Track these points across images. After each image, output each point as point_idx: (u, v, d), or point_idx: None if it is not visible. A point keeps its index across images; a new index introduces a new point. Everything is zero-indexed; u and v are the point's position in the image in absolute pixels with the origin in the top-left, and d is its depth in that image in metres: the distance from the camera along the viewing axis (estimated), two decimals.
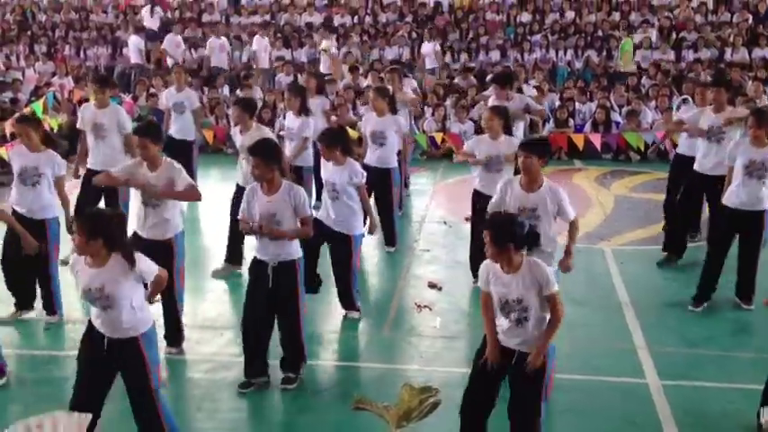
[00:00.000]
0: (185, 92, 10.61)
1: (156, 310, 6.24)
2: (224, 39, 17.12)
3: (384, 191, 8.55)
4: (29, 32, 18.33)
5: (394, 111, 8.77)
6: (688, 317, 6.97)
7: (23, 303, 6.89)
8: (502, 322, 4.54)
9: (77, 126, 8.49)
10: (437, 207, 10.61)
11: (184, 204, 7.27)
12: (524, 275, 4.41)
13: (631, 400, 5.57)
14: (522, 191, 5.62)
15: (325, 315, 6.96)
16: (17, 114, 9.31)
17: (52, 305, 6.75)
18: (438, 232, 9.48)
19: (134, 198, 6.27)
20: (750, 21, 16.88)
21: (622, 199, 10.87)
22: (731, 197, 6.85)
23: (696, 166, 7.80)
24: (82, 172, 8.33)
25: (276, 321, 5.68)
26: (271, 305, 5.61)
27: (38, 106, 12.59)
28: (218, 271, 7.99)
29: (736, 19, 17.03)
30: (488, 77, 12.18)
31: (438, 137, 13.42)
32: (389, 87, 9.42)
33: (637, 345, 6.40)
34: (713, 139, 7.60)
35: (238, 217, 5.67)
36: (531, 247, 4.49)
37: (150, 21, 18.42)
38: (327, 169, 6.70)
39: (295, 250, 5.59)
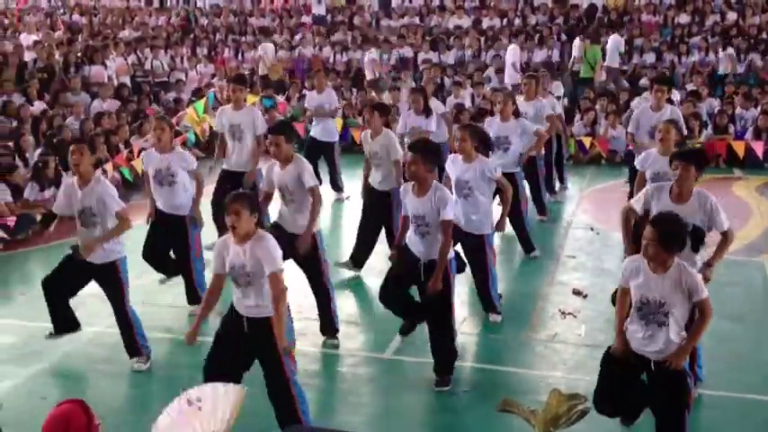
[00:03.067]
0: (326, 93, 10.88)
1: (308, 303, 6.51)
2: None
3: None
4: (191, 35, 19.39)
5: (517, 114, 8.56)
6: None
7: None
8: (636, 327, 4.43)
9: (215, 128, 8.68)
10: (583, 213, 10.38)
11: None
12: (672, 278, 4.29)
13: None
14: (672, 202, 5.28)
15: (468, 318, 6.98)
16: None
17: (196, 296, 6.99)
18: (584, 239, 9.28)
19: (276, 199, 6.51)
20: None
21: None
22: None
23: None
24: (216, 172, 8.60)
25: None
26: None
27: (199, 105, 13.32)
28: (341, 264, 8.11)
29: None
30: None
31: (586, 141, 13.12)
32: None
33: None
34: None
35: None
36: (696, 247, 4.35)
37: (318, 7, 19.49)
38: (457, 166, 6.67)
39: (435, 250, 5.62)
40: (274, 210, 6.62)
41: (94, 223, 5.86)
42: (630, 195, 6.93)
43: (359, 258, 8.04)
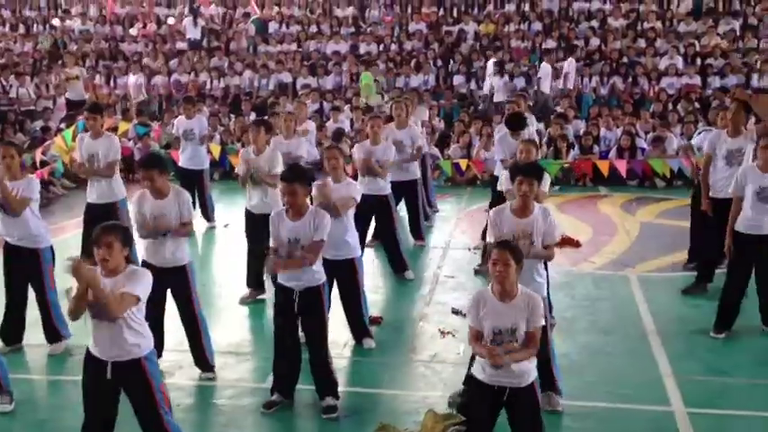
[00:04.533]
0: (196, 118, 10.70)
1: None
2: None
3: (385, 217, 8.60)
4: (60, 62, 18.70)
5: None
6: (714, 344, 6.90)
7: None
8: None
9: (76, 158, 8.34)
10: (461, 233, 10.61)
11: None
12: (519, 305, 4.54)
13: (656, 429, 5.51)
14: (515, 216, 5.48)
15: (350, 341, 6.97)
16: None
17: (56, 333, 6.76)
18: (463, 259, 9.48)
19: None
20: None
21: (648, 225, 10.80)
22: (743, 223, 6.80)
23: (711, 192, 7.76)
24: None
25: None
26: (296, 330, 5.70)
27: (68, 134, 12.82)
28: (245, 298, 8.03)
29: (763, 45, 16.94)
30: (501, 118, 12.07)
31: (463, 163, 13.45)
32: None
33: (663, 372, 6.33)
34: (733, 162, 7.54)
35: (271, 245, 5.65)
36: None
37: (193, 31, 19.14)
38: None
39: (320, 276, 5.64)
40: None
41: None
42: None
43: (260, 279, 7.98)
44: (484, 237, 7.66)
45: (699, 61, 16.74)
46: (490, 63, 16.59)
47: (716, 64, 16.50)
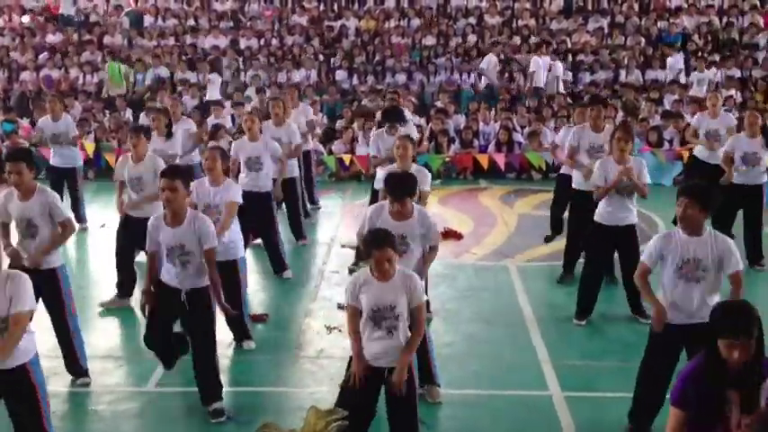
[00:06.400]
0: (63, 119, 10.25)
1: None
2: None
3: (265, 215, 8.47)
4: None
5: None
6: (588, 331, 7.21)
7: None
8: (371, 335, 4.62)
9: None
10: (346, 228, 10.65)
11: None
12: (396, 283, 4.56)
13: (535, 412, 5.72)
14: (393, 219, 5.53)
15: (232, 341, 6.88)
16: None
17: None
18: (348, 254, 9.50)
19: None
20: (642, 44, 17.69)
21: (526, 217, 11.16)
22: (603, 214, 7.13)
23: (574, 184, 8.14)
24: None
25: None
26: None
27: None
28: (108, 303, 7.77)
29: (630, 42, 17.81)
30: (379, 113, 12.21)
31: (346, 159, 13.50)
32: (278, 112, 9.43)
33: (540, 359, 6.57)
34: (594, 156, 7.89)
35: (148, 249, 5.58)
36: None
37: (68, 7, 18.57)
38: (204, 189, 6.66)
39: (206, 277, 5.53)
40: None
41: None
42: None
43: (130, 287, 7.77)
44: None
45: (570, 57, 17.42)
46: (490, 58, 16.62)
47: (586, 60, 17.22)
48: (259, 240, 8.90)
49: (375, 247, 4.52)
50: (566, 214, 8.85)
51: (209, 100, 15.46)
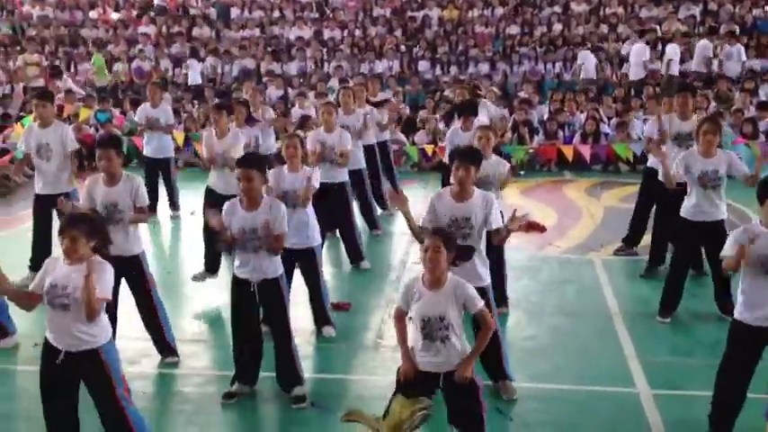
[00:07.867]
0: (161, 107, 10.55)
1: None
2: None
3: (341, 206, 8.51)
4: (18, 47, 18.33)
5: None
6: (675, 327, 7.00)
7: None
8: (425, 348, 4.59)
9: (20, 149, 7.90)
10: None
11: None
12: (447, 291, 4.52)
13: (622, 410, 5.59)
14: (455, 201, 5.44)
15: (315, 329, 6.96)
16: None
17: None
18: None
19: None
20: (737, 32, 17.03)
21: (612, 209, 10.91)
22: (689, 209, 6.86)
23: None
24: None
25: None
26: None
27: (28, 120, 12.58)
28: (197, 276, 8.06)
29: (723, 30, 17.18)
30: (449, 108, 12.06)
31: (429, 149, 13.46)
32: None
33: (627, 355, 6.42)
34: (683, 145, 7.63)
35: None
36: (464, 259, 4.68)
37: None
38: (283, 177, 6.70)
39: (277, 267, 5.58)
40: None
41: None
42: None
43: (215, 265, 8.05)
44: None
45: (660, 47, 16.92)
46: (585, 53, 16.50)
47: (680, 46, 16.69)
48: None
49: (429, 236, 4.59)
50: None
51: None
